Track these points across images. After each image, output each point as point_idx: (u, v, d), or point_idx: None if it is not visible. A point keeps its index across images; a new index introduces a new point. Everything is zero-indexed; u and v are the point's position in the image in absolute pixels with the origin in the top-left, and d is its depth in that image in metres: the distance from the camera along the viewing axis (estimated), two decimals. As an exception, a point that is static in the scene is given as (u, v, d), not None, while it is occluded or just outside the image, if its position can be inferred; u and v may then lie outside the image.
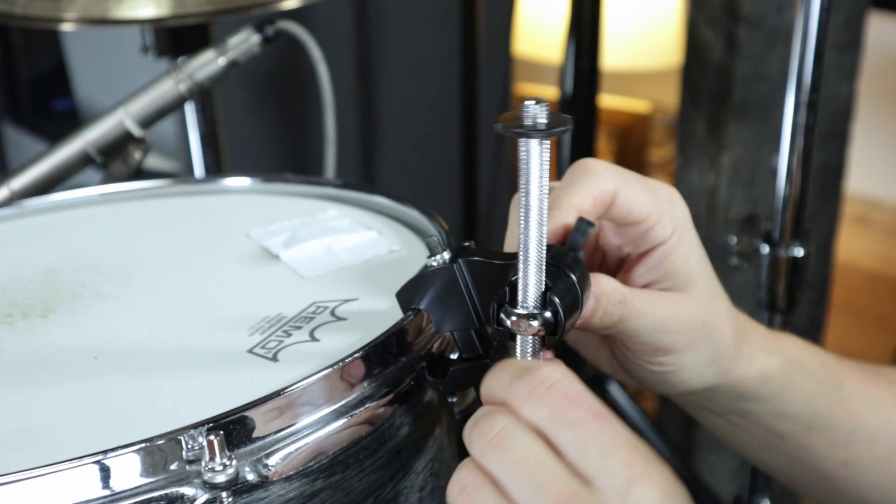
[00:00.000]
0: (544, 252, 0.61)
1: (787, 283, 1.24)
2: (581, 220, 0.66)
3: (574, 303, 0.63)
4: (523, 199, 0.60)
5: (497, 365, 0.61)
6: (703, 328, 0.74)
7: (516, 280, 0.62)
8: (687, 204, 0.75)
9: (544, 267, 0.61)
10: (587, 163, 0.70)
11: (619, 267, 0.76)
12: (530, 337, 0.62)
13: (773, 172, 1.24)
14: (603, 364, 0.80)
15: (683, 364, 0.75)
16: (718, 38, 1.83)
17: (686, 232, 0.73)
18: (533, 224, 0.60)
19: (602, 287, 0.68)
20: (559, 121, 0.58)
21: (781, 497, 1.37)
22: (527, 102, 0.58)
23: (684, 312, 0.73)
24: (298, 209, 0.90)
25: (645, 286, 0.74)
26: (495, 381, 0.60)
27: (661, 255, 0.73)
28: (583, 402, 0.56)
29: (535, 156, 0.59)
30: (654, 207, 0.71)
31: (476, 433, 0.58)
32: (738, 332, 0.78)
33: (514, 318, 0.62)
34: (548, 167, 0.59)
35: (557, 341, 0.63)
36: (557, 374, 0.57)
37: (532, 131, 0.58)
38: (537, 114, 0.58)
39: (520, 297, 0.62)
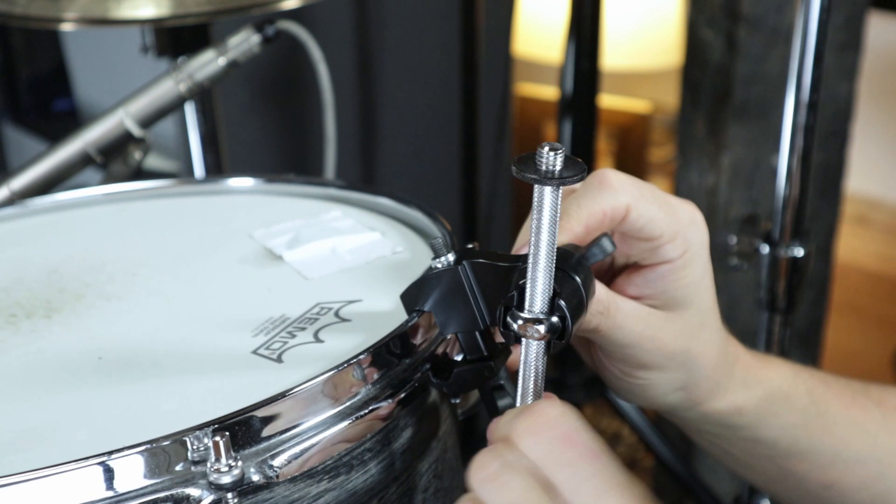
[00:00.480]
0: (554, 262, 0.61)
1: (787, 283, 1.24)
2: (605, 238, 0.67)
3: (579, 306, 0.63)
4: (534, 237, 0.61)
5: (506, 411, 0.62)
6: (680, 355, 0.74)
7: (524, 284, 0.62)
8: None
9: (553, 274, 0.61)
10: (605, 175, 0.70)
11: (620, 271, 0.76)
12: (535, 342, 0.62)
13: (773, 172, 1.24)
14: (582, 354, 0.80)
15: (651, 382, 0.75)
16: (718, 38, 1.83)
17: (697, 256, 0.73)
18: (543, 254, 0.61)
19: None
20: (574, 169, 0.59)
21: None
22: (543, 148, 0.59)
23: (665, 335, 0.73)
24: (301, 210, 0.90)
25: (637, 298, 0.74)
26: (501, 420, 0.61)
27: (662, 273, 0.72)
28: (579, 443, 0.57)
29: (548, 201, 0.60)
30: (669, 227, 0.71)
31: (476, 466, 0.58)
32: (721, 365, 0.77)
33: (520, 321, 0.62)
34: (559, 209, 0.60)
35: (563, 346, 0.63)
36: (555, 412, 0.59)
37: (546, 179, 0.59)
38: (553, 161, 0.59)
39: (527, 302, 0.62)
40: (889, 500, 0.84)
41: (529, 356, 0.63)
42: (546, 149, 0.59)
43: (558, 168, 0.59)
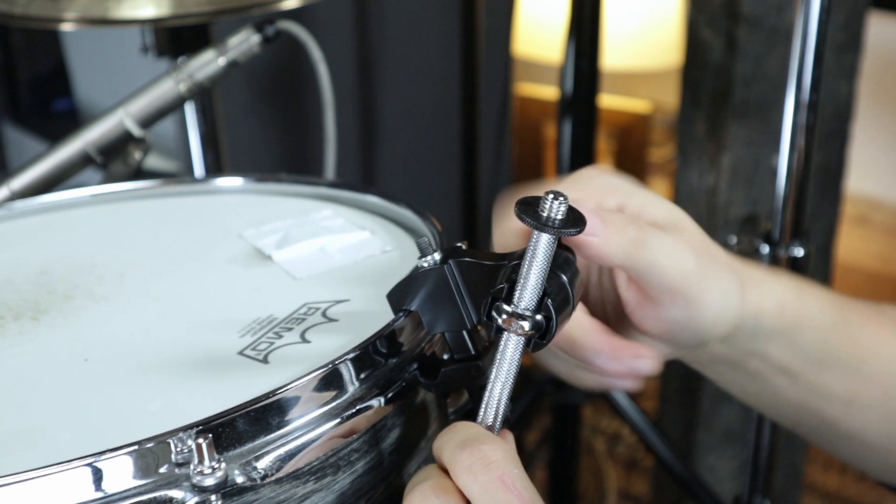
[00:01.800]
0: (549, 266, 0.62)
1: (786, 283, 1.24)
2: None
3: (565, 302, 0.63)
4: (528, 258, 0.62)
5: (452, 425, 0.63)
6: (706, 254, 0.74)
7: (515, 279, 0.62)
8: (687, 204, 0.75)
9: (546, 276, 0.62)
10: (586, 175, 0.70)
11: None
12: (515, 336, 0.62)
13: (773, 172, 1.24)
14: (563, 368, 0.80)
15: (710, 298, 0.74)
16: (718, 38, 1.83)
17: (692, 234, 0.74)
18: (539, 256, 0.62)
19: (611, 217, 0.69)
20: (573, 221, 0.61)
21: (781, 497, 1.37)
22: (548, 195, 0.60)
23: (680, 247, 0.73)
24: (292, 209, 0.90)
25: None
26: (445, 442, 0.62)
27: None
28: (514, 488, 0.58)
29: (543, 247, 0.61)
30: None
31: (406, 501, 0.60)
32: (741, 267, 0.78)
33: (505, 315, 0.62)
34: (553, 251, 0.61)
35: (543, 346, 0.63)
36: (498, 454, 0.59)
37: (546, 227, 0.60)
38: (555, 210, 0.60)
39: (516, 297, 0.62)
40: None
41: (507, 351, 0.62)
42: (551, 196, 0.60)
43: (559, 218, 0.60)
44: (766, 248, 1.25)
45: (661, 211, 0.73)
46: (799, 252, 1.24)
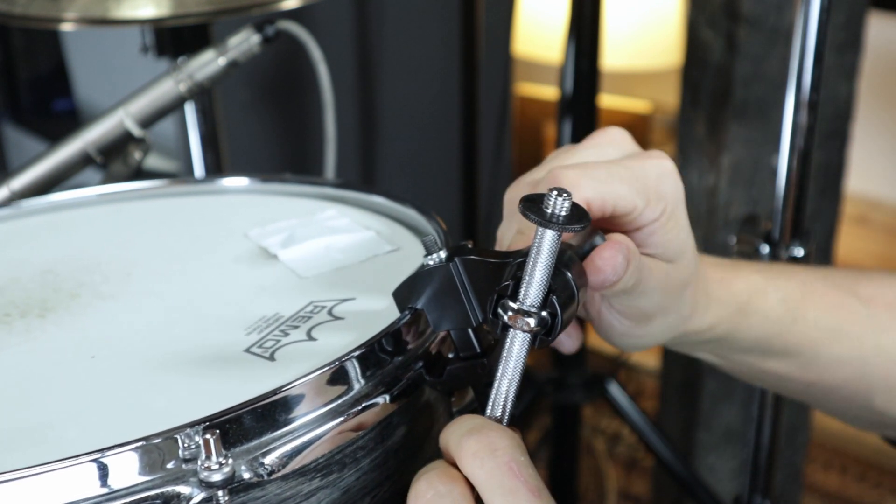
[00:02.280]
0: (554, 262, 0.62)
1: (786, 283, 1.24)
2: (598, 236, 0.68)
3: (570, 299, 0.64)
4: (533, 255, 0.62)
5: (459, 417, 0.63)
6: (680, 293, 0.76)
7: (521, 276, 0.62)
8: (687, 204, 0.74)
9: (551, 273, 0.62)
10: (558, 177, 0.69)
11: None
12: (521, 333, 0.62)
13: (773, 172, 1.24)
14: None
15: (654, 328, 0.76)
16: (718, 38, 1.83)
17: (676, 207, 0.73)
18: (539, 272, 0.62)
19: (629, 243, 0.69)
20: (577, 217, 0.61)
21: (781, 497, 1.37)
22: (552, 192, 0.61)
23: (675, 282, 0.74)
24: (296, 209, 0.90)
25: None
26: (451, 432, 0.62)
27: (651, 232, 0.73)
28: (521, 475, 0.58)
29: (547, 244, 0.61)
30: (640, 194, 0.71)
31: (412, 491, 0.61)
32: (700, 289, 0.79)
33: (511, 312, 0.62)
34: (558, 247, 0.62)
35: (548, 343, 0.63)
36: (505, 442, 0.59)
37: (550, 223, 0.60)
38: (559, 207, 0.61)
39: (521, 294, 0.62)
40: (871, 396, 0.85)
41: (513, 348, 0.63)
42: (555, 193, 0.60)
43: (563, 214, 0.60)
44: (766, 248, 1.25)
45: (629, 201, 0.71)
46: (799, 252, 1.25)
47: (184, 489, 0.57)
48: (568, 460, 1.97)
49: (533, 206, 0.61)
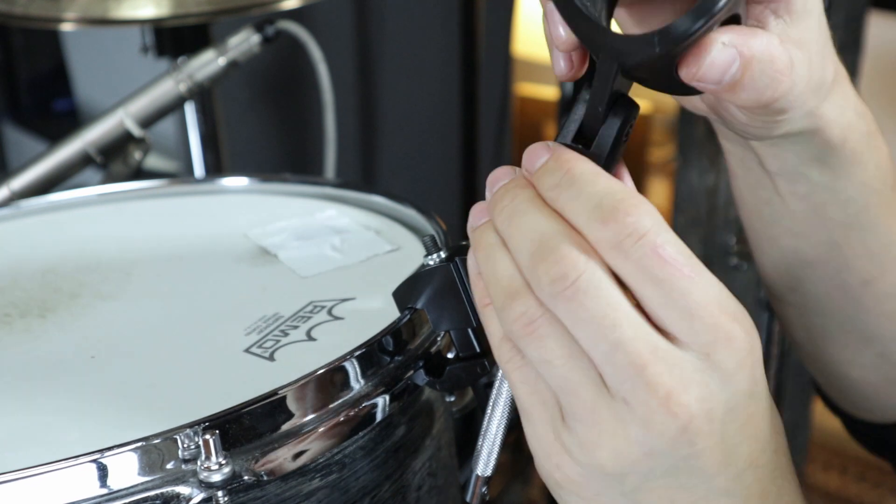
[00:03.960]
0: None
1: (786, 282, 1.24)
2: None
3: None
4: None
5: (566, 164, 0.54)
6: (819, 42, 0.65)
7: None
8: (687, 204, 0.73)
9: None
10: None
11: None
12: None
13: (773, 172, 1.24)
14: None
15: (786, 117, 0.64)
16: (718, 37, 1.82)
17: None
18: None
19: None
20: None
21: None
22: None
23: (814, 63, 0.63)
24: (297, 209, 0.90)
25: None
26: (571, 202, 0.52)
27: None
28: (674, 260, 0.50)
29: None
30: None
31: (549, 275, 0.51)
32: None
33: None
34: None
35: None
36: (648, 223, 0.51)
37: None
38: None
39: None
40: None
41: None
42: None
43: None
44: (766, 248, 1.25)
45: None
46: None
47: (183, 489, 0.57)
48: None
49: None
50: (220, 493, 0.57)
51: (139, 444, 0.57)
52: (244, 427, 0.59)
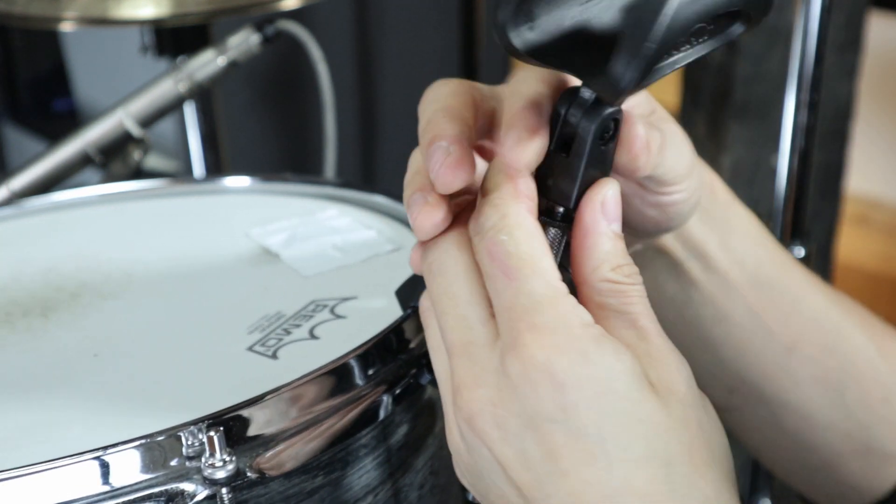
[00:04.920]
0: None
1: (787, 282, 1.24)
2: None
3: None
4: None
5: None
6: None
7: None
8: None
9: None
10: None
11: None
12: None
13: (773, 172, 1.24)
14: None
15: (691, 184, 0.68)
16: (718, 38, 1.83)
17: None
18: None
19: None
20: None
21: (781, 497, 1.37)
22: None
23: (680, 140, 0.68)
24: (298, 208, 0.90)
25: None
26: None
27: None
28: (500, 258, 0.55)
29: None
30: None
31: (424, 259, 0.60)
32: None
33: None
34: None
35: None
36: (494, 219, 0.56)
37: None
38: None
39: None
40: (844, 378, 0.81)
41: None
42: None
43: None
44: (766, 248, 1.25)
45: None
46: (799, 252, 1.24)
47: (187, 486, 0.57)
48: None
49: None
50: (224, 490, 0.57)
51: (143, 441, 0.57)
52: (248, 424, 0.60)
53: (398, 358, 0.67)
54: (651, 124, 0.63)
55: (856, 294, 0.87)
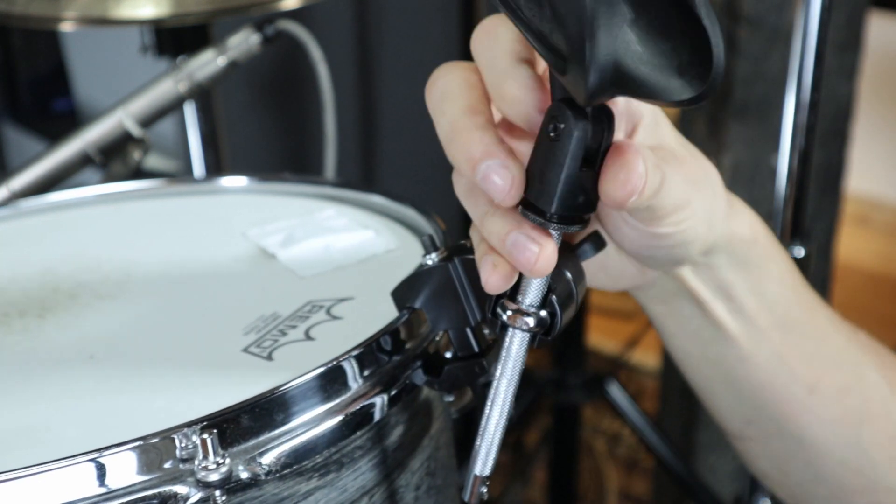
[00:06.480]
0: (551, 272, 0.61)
1: (786, 283, 1.24)
2: (596, 234, 0.65)
3: (569, 298, 0.63)
4: None
5: None
6: (704, 178, 0.69)
7: (520, 275, 0.62)
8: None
9: (551, 273, 0.61)
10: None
11: None
12: (520, 333, 0.62)
13: (773, 172, 1.24)
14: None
15: (694, 216, 0.67)
16: (718, 38, 1.82)
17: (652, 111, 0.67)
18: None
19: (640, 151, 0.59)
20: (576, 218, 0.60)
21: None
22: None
23: (687, 166, 0.67)
24: (296, 209, 0.90)
25: None
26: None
27: (649, 126, 0.66)
28: None
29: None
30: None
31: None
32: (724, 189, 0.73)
33: (510, 312, 0.62)
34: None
35: (547, 342, 0.63)
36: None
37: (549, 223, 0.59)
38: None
39: (521, 293, 0.62)
40: (862, 416, 0.81)
41: (511, 348, 0.62)
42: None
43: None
44: (766, 248, 1.25)
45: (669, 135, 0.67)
46: (799, 252, 1.24)
47: (181, 489, 0.57)
48: (568, 461, 1.96)
49: (532, 207, 0.60)
50: (217, 493, 0.57)
51: (137, 443, 0.57)
52: (242, 426, 0.59)
53: (394, 359, 0.67)
54: (656, 164, 0.62)
55: (856, 294, 0.87)
